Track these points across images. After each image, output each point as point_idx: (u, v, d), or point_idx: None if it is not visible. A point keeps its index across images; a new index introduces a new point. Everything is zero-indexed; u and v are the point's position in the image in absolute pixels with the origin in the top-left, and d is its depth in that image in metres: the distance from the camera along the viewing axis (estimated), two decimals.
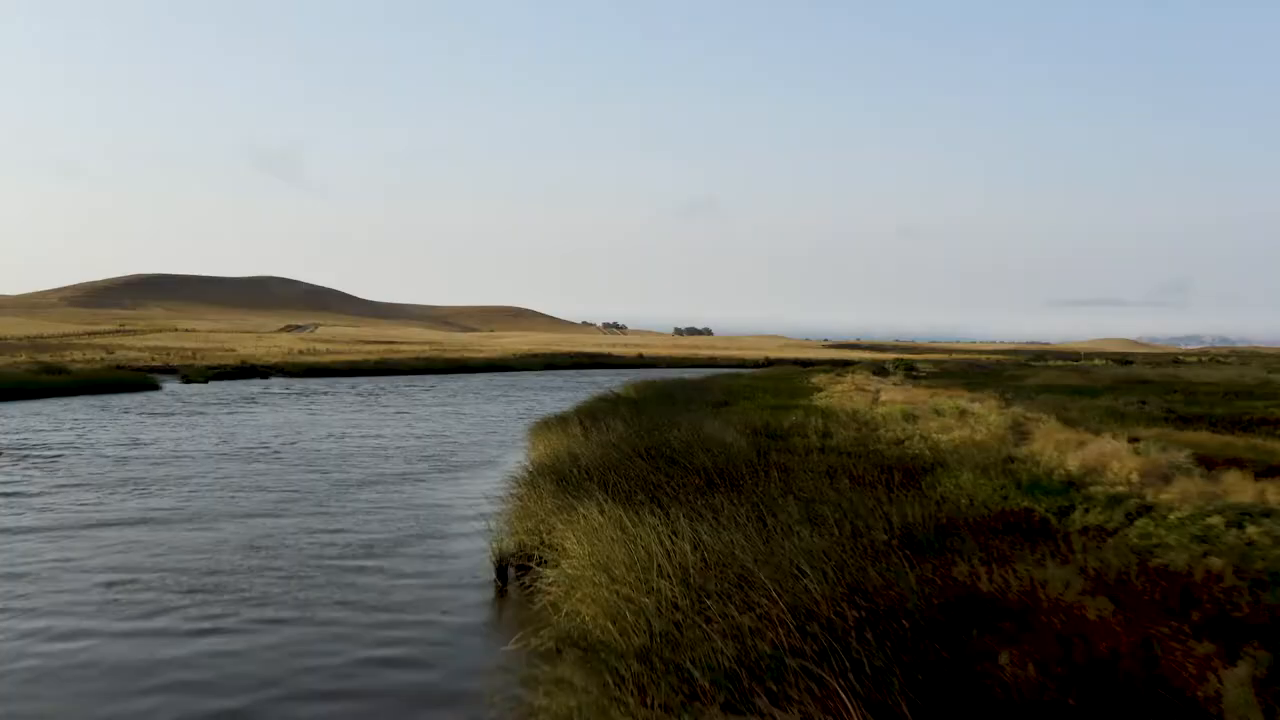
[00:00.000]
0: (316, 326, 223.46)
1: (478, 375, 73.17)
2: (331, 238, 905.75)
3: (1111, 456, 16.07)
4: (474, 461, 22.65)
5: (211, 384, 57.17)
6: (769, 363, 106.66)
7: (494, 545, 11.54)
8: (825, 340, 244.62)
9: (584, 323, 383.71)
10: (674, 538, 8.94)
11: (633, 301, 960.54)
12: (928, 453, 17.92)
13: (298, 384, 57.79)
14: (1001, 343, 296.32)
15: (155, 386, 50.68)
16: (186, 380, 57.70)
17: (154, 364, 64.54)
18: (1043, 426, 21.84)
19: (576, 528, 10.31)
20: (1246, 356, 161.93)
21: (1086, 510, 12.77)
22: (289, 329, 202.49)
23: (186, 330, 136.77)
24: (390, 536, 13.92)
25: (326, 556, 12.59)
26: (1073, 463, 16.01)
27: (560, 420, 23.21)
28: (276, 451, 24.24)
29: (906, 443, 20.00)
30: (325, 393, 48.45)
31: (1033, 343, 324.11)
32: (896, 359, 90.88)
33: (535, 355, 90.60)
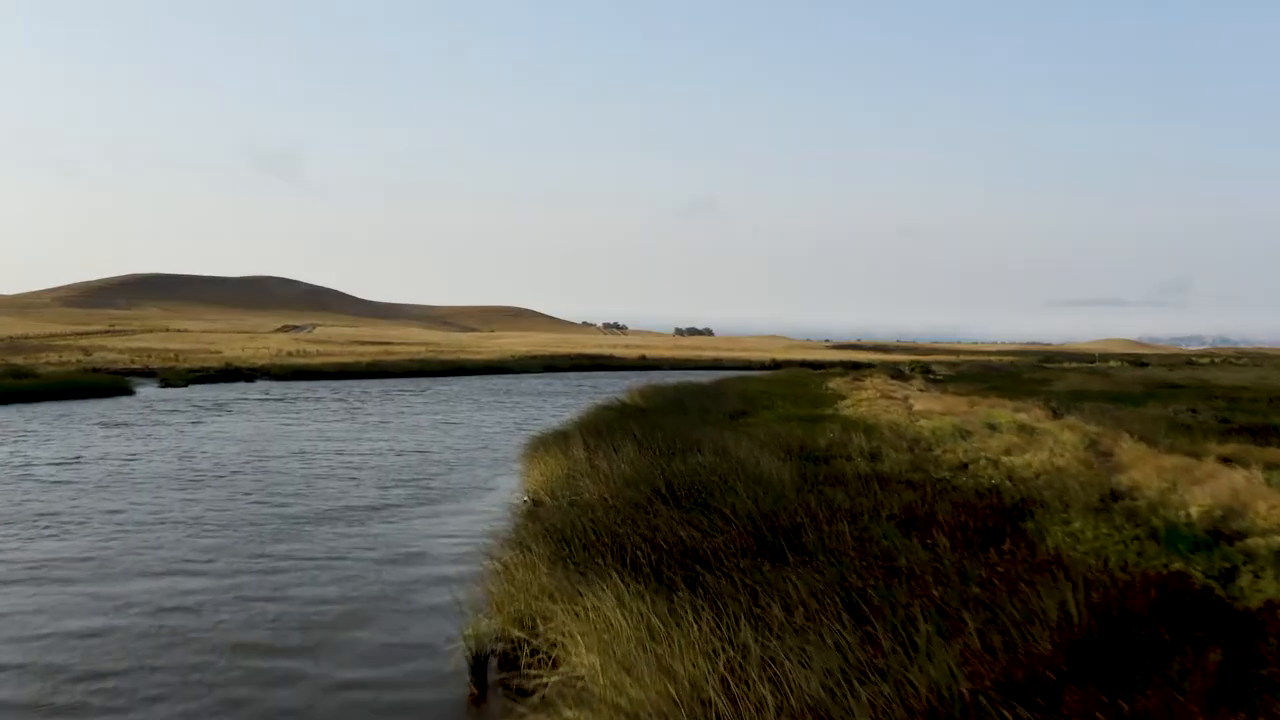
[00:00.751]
0: (314, 327, 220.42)
1: (475, 378, 70.00)
2: (331, 238, 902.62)
3: (1249, 493, 12.91)
4: (460, 487, 19.43)
5: (191, 388, 54.00)
6: (775, 365, 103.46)
7: (468, 634, 8.35)
8: (827, 341, 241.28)
9: (584, 323, 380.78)
10: (738, 660, 5.77)
11: (632, 302, 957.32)
12: (1007, 483, 14.74)
13: (283, 388, 54.61)
14: (1004, 343, 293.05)
15: (128, 391, 47.52)
16: (165, 384, 54.50)
17: (133, 366, 61.33)
18: (1124, 447, 18.67)
19: (585, 623, 7.15)
20: (1256, 358, 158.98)
21: (1256, 575, 9.61)
22: (286, 329, 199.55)
23: (179, 331, 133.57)
24: (339, 606, 10.74)
25: (248, 642, 9.41)
26: (1196, 500, 12.84)
27: (560, 437, 20.03)
28: (233, 473, 21.06)
29: (972, 467, 16.83)
30: (309, 398, 45.27)
31: (1034, 343, 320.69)
32: (912, 361, 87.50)
33: (534, 357, 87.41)
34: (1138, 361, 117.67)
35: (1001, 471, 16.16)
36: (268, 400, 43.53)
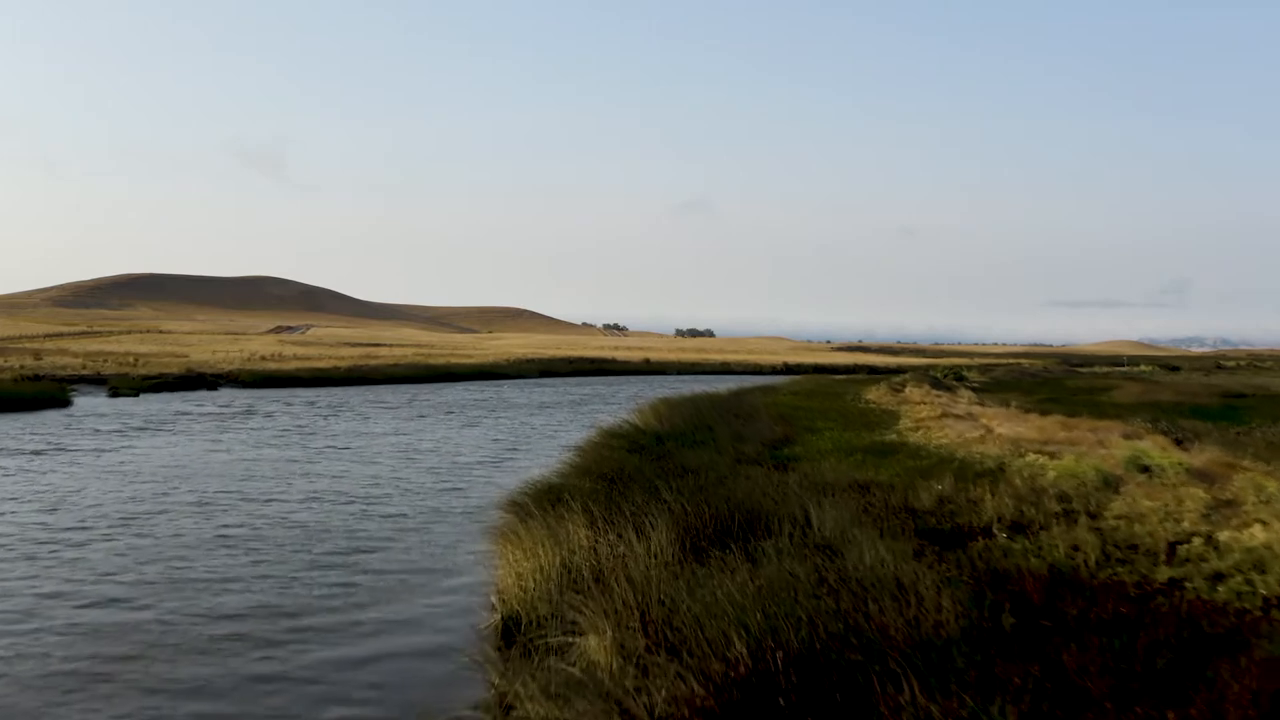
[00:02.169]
0: (308, 328, 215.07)
1: (464, 384, 64.10)
2: (328, 238, 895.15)
3: None
4: (404, 576, 13.32)
5: (144, 397, 48.13)
6: (787, 368, 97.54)
7: None
8: (829, 342, 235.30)
9: (584, 324, 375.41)
10: None
11: (631, 302, 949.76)
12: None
13: (248, 397, 48.69)
14: (1007, 345, 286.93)
15: (64, 402, 41.57)
16: (114, 393, 48.54)
17: (84, 373, 55.38)
18: None
19: None
20: None
21: None
22: (279, 330, 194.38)
23: (163, 332, 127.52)
24: None
25: None
26: None
27: (552, 493, 14.04)
28: (103, 535, 15.14)
29: (1183, 550, 10.87)
30: (268, 412, 39.29)
31: (1037, 344, 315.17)
32: (928, 365, 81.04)
33: (530, 361, 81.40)
34: (1168, 366, 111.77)
35: (1244, 561, 10.18)
36: (218, 414, 37.55)
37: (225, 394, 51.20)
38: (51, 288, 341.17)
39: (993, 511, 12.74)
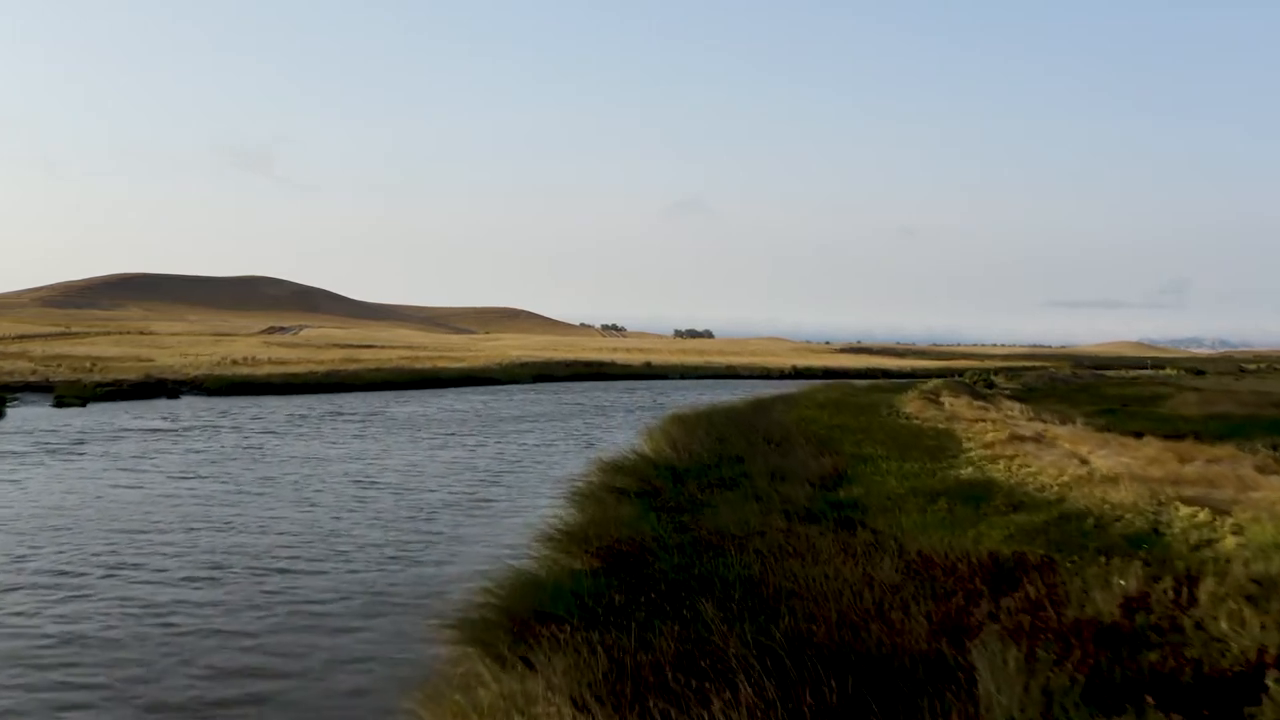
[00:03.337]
0: (301, 328, 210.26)
1: (452, 390, 59.11)
2: (328, 238, 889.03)
3: None
4: None
5: (92, 406, 43.15)
6: (796, 372, 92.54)
7: None
8: (828, 343, 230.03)
9: (582, 324, 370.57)
10: None
11: (630, 303, 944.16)
12: None
13: (209, 406, 43.74)
14: (1005, 345, 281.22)
15: None
16: (59, 403, 43.55)
17: (32, 379, 50.37)
18: None
19: None
20: None
21: None
22: (271, 330, 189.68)
23: (144, 334, 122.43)
24: None
25: None
26: None
27: (529, 594, 9.10)
28: None
29: None
30: (220, 425, 34.33)
31: (1037, 345, 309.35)
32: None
33: (524, 365, 76.35)
34: (1193, 369, 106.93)
35: None
36: (161, 431, 32.55)
37: (185, 403, 46.24)
38: (42, 287, 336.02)
39: (1249, 640, 7.80)
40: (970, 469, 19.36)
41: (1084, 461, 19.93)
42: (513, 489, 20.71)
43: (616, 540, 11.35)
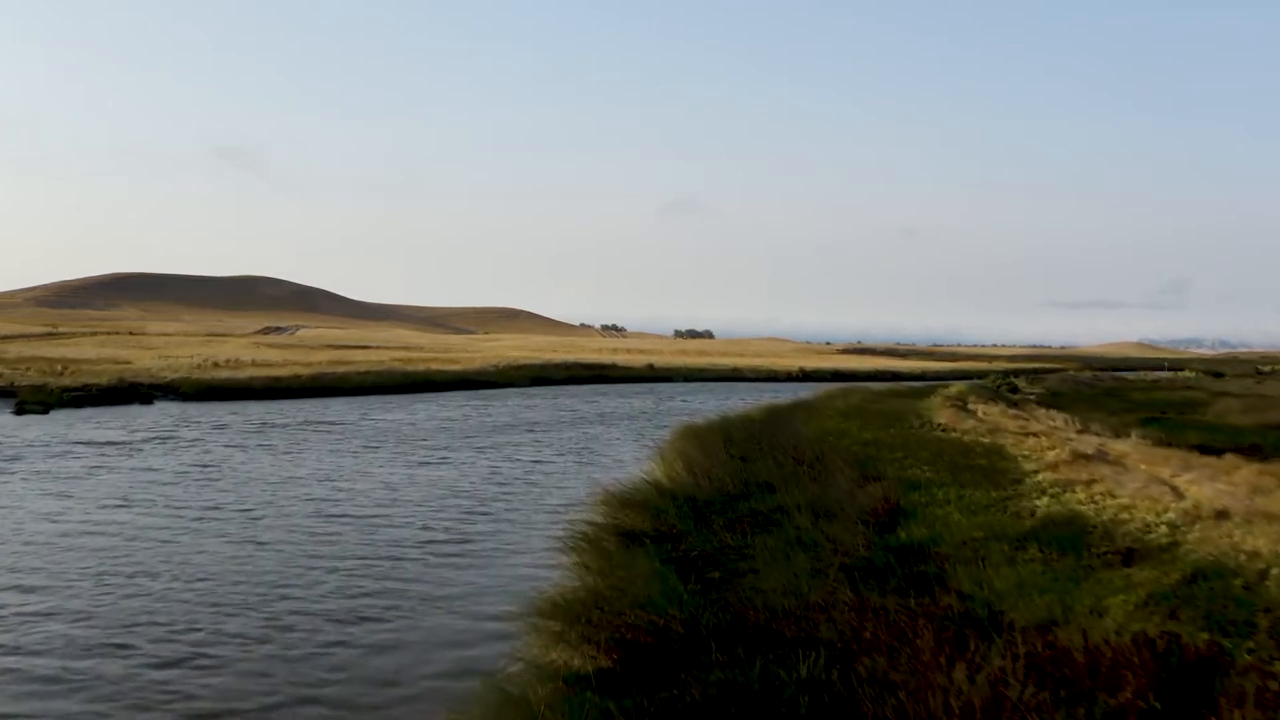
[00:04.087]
0: (297, 328, 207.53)
1: (445, 395, 56.05)
2: (328, 238, 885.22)
3: None
4: None
5: (57, 413, 40.16)
6: (804, 375, 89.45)
7: None
8: (829, 343, 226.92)
9: (582, 325, 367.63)
10: None
11: (629, 303, 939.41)
12: None
13: (180, 413, 40.68)
14: (1005, 346, 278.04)
15: None
16: (20, 409, 40.49)
17: None
18: None
19: None
20: None
21: None
22: (267, 330, 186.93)
23: (134, 334, 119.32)
24: None
25: None
26: None
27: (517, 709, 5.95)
28: None
29: None
30: (185, 437, 31.22)
31: (1035, 345, 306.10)
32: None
33: (520, 367, 73.19)
34: (1212, 372, 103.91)
35: None
36: (118, 443, 29.43)
37: (157, 409, 43.16)
38: (36, 287, 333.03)
39: None
40: (1045, 499, 16.23)
41: (1175, 490, 16.83)
42: (500, 522, 17.58)
43: (630, 626, 8.25)
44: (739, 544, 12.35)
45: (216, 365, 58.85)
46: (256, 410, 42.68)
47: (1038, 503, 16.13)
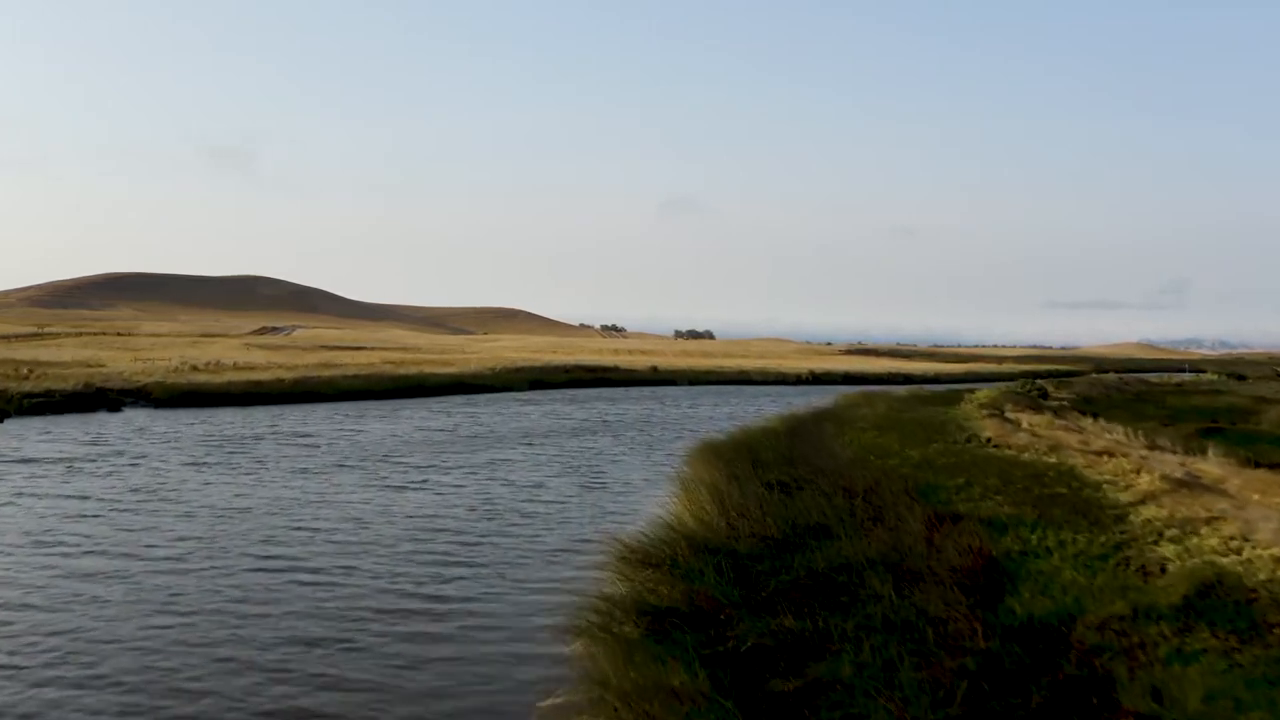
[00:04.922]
0: (294, 329, 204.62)
1: (437, 399, 52.75)
2: (327, 238, 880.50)
3: None
4: None
5: (13, 421, 36.98)
6: (814, 378, 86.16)
7: None
8: (829, 344, 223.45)
9: (581, 325, 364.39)
10: None
11: (629, 303, 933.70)
12: None
13: (148, 420, 37.40)
14: (1005, 346, 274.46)
15: None
16: None
17: None
18: None
19: None
20: None
21: None
22: (263, 330, 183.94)
23: (122, 334, 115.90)
24: None
25: None
26: None
27: None
28: None
29: None
30: (140, 451, 27.87)
31: (1037, 345, 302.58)
32: (966, 372, 67.39)
33: (519, 370, 69.81)
34: (1234, 374, 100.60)
35: None
36: (62, 458, 26.07)
37: (123, 417, 39.86)
38: (31, 287, 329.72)
39: None
40: (1168, 546, 12.90)
41: None
42: (487, 573, 14.19)
43: None
44: (805, 629, 9.03)
45: (195, 369, 55.50)
46: (230, 418, 39.35)
47: (1163, 552, 12.82)
